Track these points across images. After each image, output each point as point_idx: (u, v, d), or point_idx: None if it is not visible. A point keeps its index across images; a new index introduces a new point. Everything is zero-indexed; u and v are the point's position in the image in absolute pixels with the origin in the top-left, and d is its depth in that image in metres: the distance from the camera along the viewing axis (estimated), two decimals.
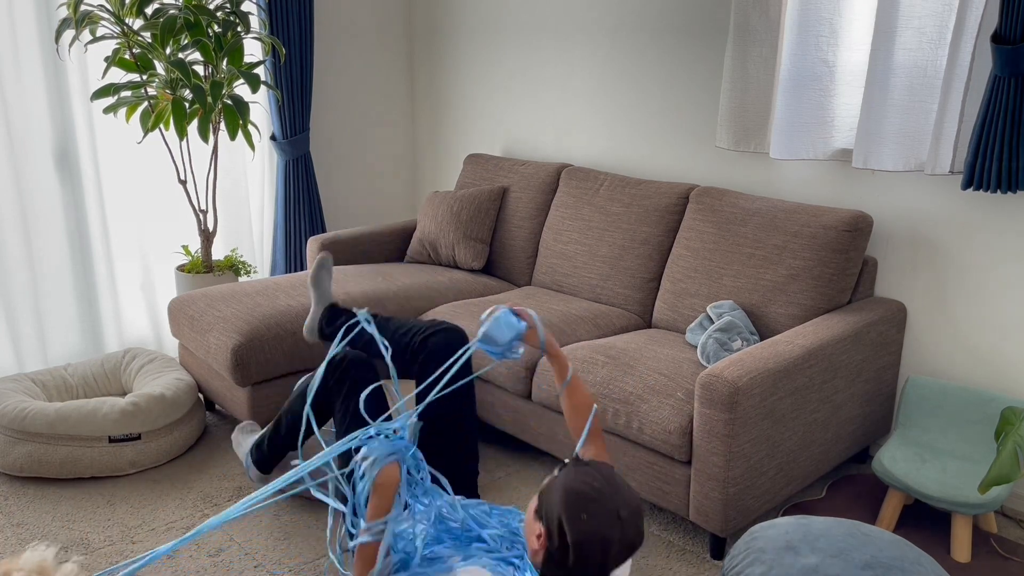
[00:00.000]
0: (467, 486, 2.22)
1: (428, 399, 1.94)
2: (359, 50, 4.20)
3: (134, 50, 3.16)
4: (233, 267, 3.63)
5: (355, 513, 1.91)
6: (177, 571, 2.29)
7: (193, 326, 2.98)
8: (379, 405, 2.19)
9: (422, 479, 1.93)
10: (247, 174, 3.94)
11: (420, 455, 1.93)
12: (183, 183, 3.46)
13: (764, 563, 1.62)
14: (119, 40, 3.16)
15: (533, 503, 1.63)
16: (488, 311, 1.93)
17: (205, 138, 3.22)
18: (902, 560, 1.59)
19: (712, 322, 2.68)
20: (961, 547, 2.31)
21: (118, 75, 3.43)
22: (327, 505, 2.56)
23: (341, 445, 1.90)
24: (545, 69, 3.75)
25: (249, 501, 1.81)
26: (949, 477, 2.34)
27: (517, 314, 1.94)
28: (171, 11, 3.12)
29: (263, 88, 3.83)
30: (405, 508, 1.90)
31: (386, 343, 2.25)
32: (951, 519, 2.41)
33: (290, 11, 3.73)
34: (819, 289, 2.61)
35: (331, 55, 4.10)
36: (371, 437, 1.87)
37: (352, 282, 3.25)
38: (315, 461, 1.86)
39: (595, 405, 1.95)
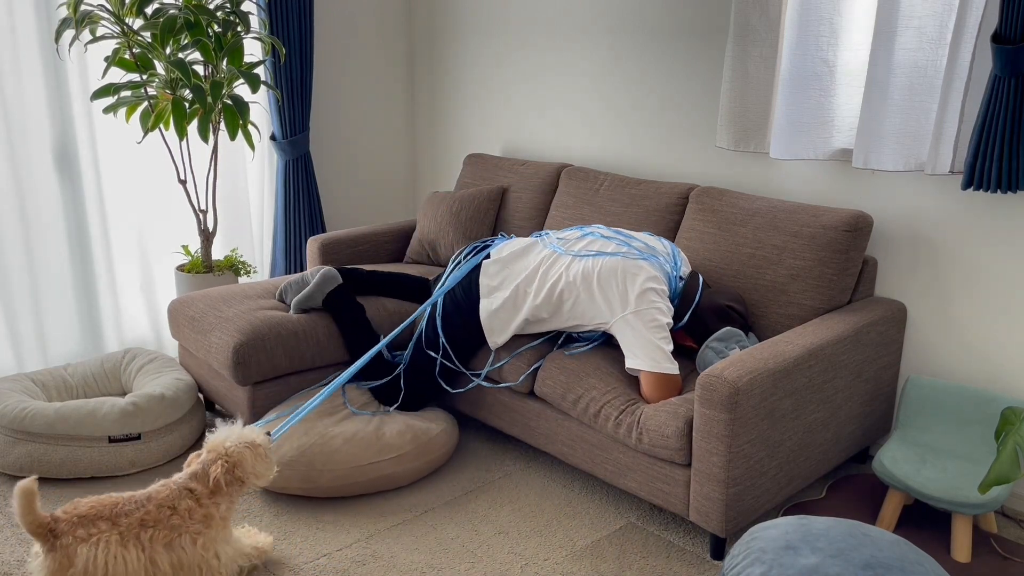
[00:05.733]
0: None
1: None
2: (359, 50, 4.20)
3: (134, 50, 3.16)
4: (233, 267, 3.63)
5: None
6: None
7: (193, 326, 2.98)
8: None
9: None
10: (247, 174, 3.94)
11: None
12: (183, 183, 3.46)
13: (764, 563, 1.62)
14: (119, 40, 3.16)
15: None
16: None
17: (205, 138, 3.22)
18: (902, 560, 1.59)
19: None
20: (961, 547, 2.31)
21: (118, 75, 3.43)
22: (324, 503, 2.56)
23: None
24: (545, 69, 3.75)
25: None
26: (949, 477, 2.33)
27: None
28: (171, 11, 3.12)
29: (263, 88, 3.83)
30: None
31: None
32: (951, 519, 2.41)
33: (290, 11, 3.73)
34: (819, 289, 2.61)
35: (331, 55, 4.10)
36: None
37: None
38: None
39: None
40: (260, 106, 3.91)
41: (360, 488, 2.61)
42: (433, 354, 2.81)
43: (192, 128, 3.70)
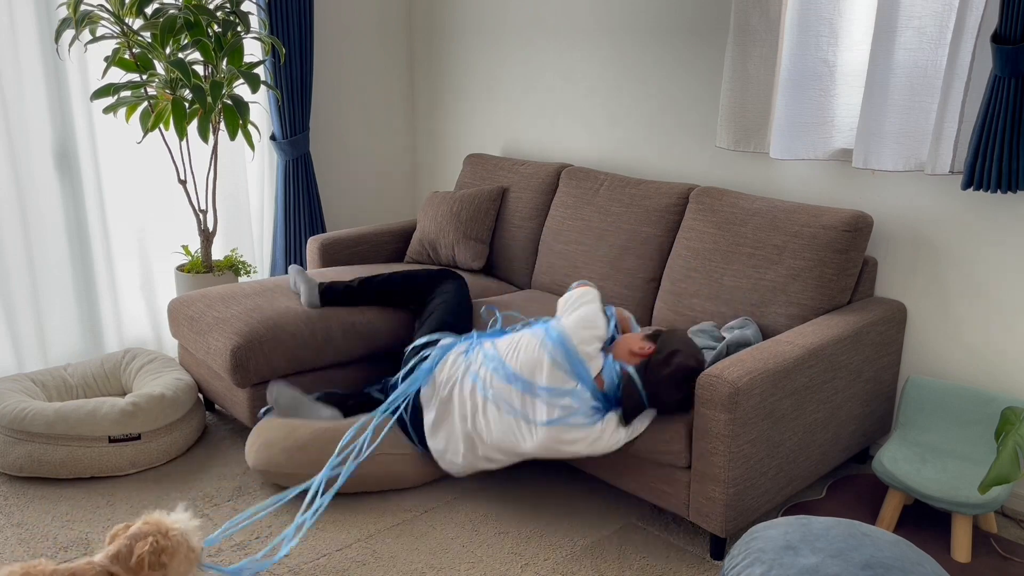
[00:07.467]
0: None
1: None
2: (359, 50, 4.20)
3: (134, 50, 3.16)
4: (233, 267, 3.63)
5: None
6: None
7: (192, 327, 2.98)
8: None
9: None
10: (247, 174, 3.94)
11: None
12: (183, 183, 3.46)
13: (764, 563, 1.63)
14: (119, 40, 3.16)
15: (642, 332, 2.48)
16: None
17: (205, 138, 3.22)
18: (902, 560, 1.59)
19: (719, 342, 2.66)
20: (961, 547, 2.31)
21: (118, 75, 3.43)
22: (322, 502, 2.55)
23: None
24: (545, 69, 3.75)
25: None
26: (949, 477, 2.34)
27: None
28: (171, 11, 3.12)
29: (263, 88, 3.83)
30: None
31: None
32: (951, 519, 2.41)
33: (290, 11, 3.73)
34: (819, 289, 2.61)
35: (331, 55, 4.10)
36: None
37: None
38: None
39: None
40: (260, 106, 3.91)
41: (368, 483, 2.61)
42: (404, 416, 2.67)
43: (192, 128, 3.70)
